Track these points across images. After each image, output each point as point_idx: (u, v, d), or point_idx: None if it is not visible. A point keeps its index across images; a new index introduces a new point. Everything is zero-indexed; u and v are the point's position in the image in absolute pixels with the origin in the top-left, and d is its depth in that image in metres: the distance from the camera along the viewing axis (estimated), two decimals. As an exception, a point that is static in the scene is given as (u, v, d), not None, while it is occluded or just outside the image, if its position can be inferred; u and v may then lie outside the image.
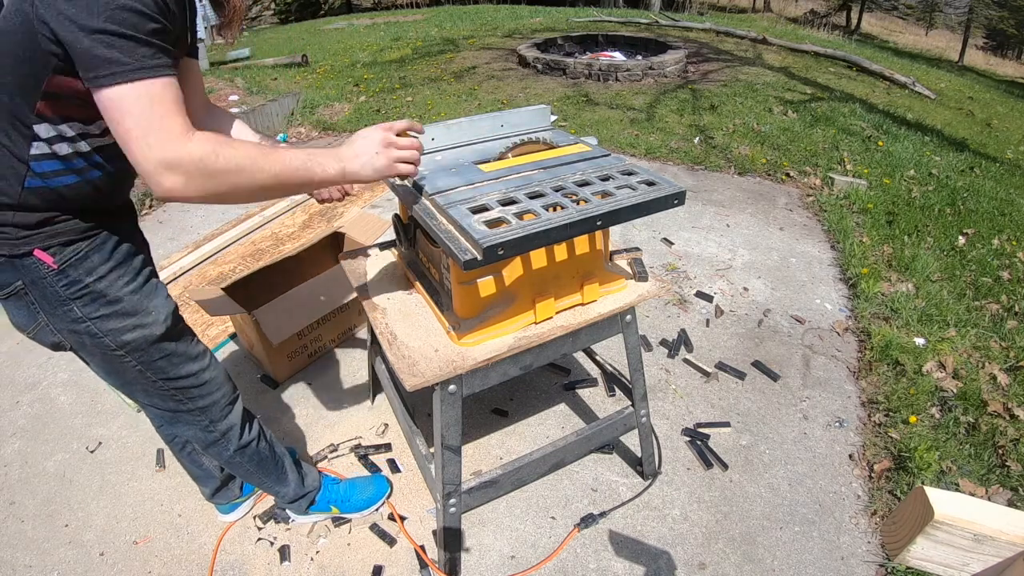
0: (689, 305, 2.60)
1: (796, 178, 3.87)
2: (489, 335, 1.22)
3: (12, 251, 0.96)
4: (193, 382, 1.22)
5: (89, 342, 1.07)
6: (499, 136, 1.42)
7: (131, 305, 1.09)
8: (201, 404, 1.26)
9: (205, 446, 1.34)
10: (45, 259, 0.98)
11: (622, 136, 4.49)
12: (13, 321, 1.08)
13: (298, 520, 1.65)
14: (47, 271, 0.99)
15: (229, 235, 3.22)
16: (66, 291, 1.01)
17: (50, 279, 1.00)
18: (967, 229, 3.26)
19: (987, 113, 6.73)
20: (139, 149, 0.79)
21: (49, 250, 0.98)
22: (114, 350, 1.09)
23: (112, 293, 1.06)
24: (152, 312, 1.12)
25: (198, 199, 0.85)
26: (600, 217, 1.03)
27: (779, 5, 22.58)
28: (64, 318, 1.04)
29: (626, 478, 1.78)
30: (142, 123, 0.79)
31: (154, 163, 0.80)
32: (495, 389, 2.10)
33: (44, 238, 0.98)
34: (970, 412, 1.96)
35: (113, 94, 0.78)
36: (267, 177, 0.90)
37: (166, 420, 1.28)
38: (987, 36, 22.14)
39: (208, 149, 0.83)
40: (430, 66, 7.02)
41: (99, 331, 1.06)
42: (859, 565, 1.54)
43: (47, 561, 1.59)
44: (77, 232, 1.01)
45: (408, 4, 17.94)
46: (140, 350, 1.12)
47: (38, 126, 0.89)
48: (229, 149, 0.86)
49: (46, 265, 0.99)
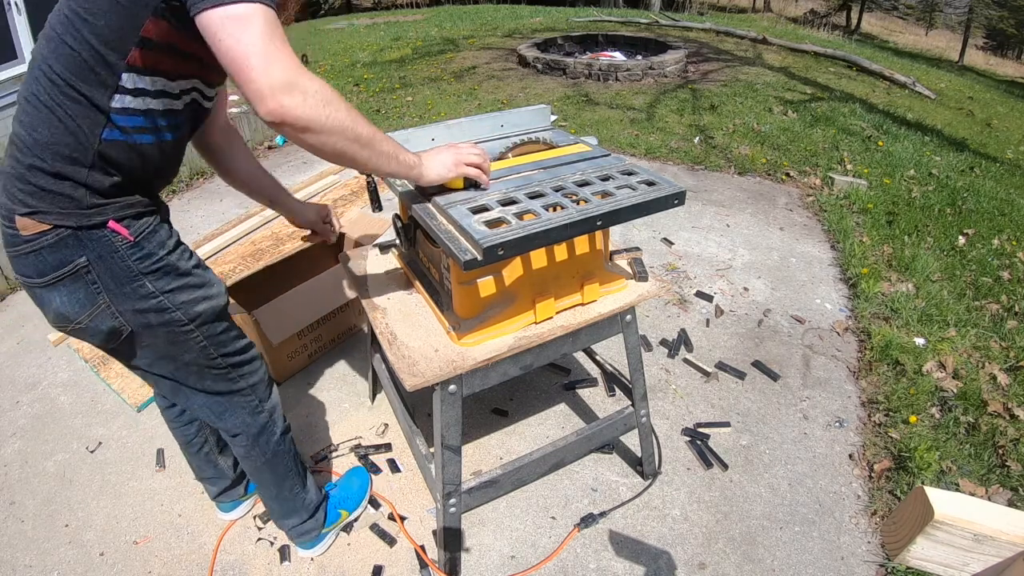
0: (689, 305, 2.60)
1: (796, 178, 3.87)
2: (489, 335, 1.22)
3: (81, 222, 0.93)
4: (245, 357, 1.24)
5: (156, 320, 1.05)
6: (499, 136, 1.42)
7: (199, 277, 1.10)
8: (252, 381, 1.27)
9: (256, 433, 1.31)
10: (121, 231, 0.96)
11: (622, 136, 4.49)
12: (59, 311, 1.01)
13: (317, 549, 1.56)
14: (121, 244, 0.97)
15: (229, 235, 3.22)
16: (139, 265, 0.99)
17: (123, 253, 0.97)
18: (967, 229, 3.26)
19: (987, 113, 6.73)
20: (261, 64, 0.77)
21: (123, 222, 0.96)
22: (183, 325, 1.08)
23: (182, 266, 1.07)
24: (215, 284, 1.14)
25: (303, 127, 0.83)
26: (600, 217, 1.03)
27: (779, 5, 22.58)
28: (131, 296, 1.01)
29: (626, 478, 1.78)
30: (266, 40, 0.78)
31: (278, 79, 0.78)
32: (495, 389, 2.10)
33: (118, 209, 0.96)
34: (970, 412, 1.96)
35: (240, 10, 0.77)
36: (366, 131, 0.91)
37: (215, 412, 1.26)
38: (987, 36, 22.14)
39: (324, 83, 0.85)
40: (430, 66, 7.02)
41: (171, 305, 1.05)
42: (859, 565, 1.54)
43: (47, 561, 1.59)
44: (144, 206, 1.01)
45: (408, 4, 17.93)
46: (208, 323, 1.12)
47: (125, 75, 0.87)
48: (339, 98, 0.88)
49: (121, 237, 0.96)
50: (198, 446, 1.50)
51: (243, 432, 1.31)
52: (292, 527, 1.49)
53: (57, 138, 0.89)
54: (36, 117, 0.89)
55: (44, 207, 0.91)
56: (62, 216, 0.92)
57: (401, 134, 1.31)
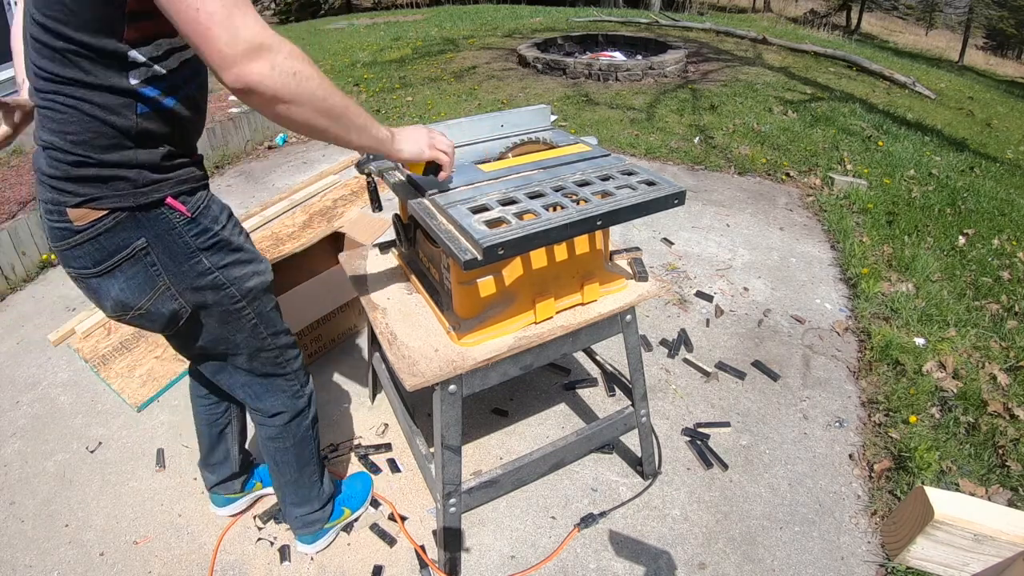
0: (689, 305, 2.60)
1: (796, 178, 3.87)
2: (489, 335, 1.22)
3: (138, 201, 0.92)
4: (289, 340, 1.26)
5: (212, 298, 1.06)
6: (499, 136, 1.42)
7: (249, 252, 1.11)
8: (295, 366, 1.30)
9: (293, 415, 1.34)
10: (179, 207, 0.96)
11: (622, 136, 4.49)
12: (119, 299, 1.00)
13: (317, 545, 1.56)
14: (179, 220, 0.97)
15: (229, 235, 3.21)
16: (196, 240, 1.00)
17: (180, 229, 0.97)
18: (967, 229, 3.26)
19: (987, 113, 6.73)
20: (223, 32, 0.73)
21: (179, 198, 0.96)
22: (237, 300, 1.09)
23: (235, 240, 1.07)
24: (262, 260, 1.15)
25: (271, 96, 0.79)
26: (600, 217, 1.04)
27: (779, 5, 22.58)
28: (189, 273, 1.01)
29: (626, 478, 1.78)
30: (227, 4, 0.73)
31: (242, 45, 0.74)
32: (495, 389, 2.10)
33: (173, 185, 0.96)
34: (970, 412, 1.96)
35: None
36: (339, 102, 0.88)
37: (255, 393, 1.28)
38: (987, 36, 22.15)
39: (294, 47, 0.80)
40: (430, 66, 7.02)
41: (226, 280, 1.06)
42: (859, 565, 1.54)
43: (47, 561, 1.59)
44: (196, 180, 1.00)
45: (408, 4, 17.93)
46: (258, 299, 1.13)
47: (132, 52, 0.85)
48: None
49: (179, 214, 0.96)
50: (221, 427, 1.51)
51: (281, 412, 1.33)
52: (300, 515, 1.49)
53: (94, 130, 0.88)
54: (63, 120, 0.88)
55: (99, 193, 0.91)
56: (119, 198, 0.92)
57: (401, 134, 1.31)
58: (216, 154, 4.34)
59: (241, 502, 1.67)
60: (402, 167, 1.26)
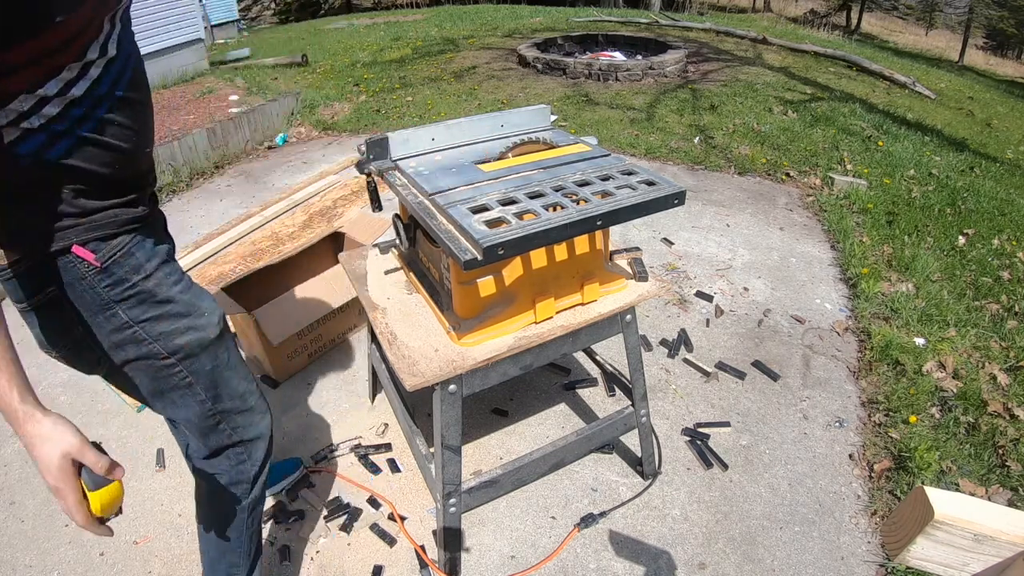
0: (689, 305, 2.60)
1: (796, 178, 3.87)
2: (489, 335, 1.21)
3: (45, 248, 0.85)
4: (237, 405, 1.11)
5: (133, 353, 0.96)
6: (499, 136, 1.42)
7: (184, 304, 0.98)
8: (248, 435, 1.14)
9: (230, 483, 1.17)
10: (86, 256, 0.86)
11: (622, 136, 4.49)
12: (39, 338, 0.95)
13: None
14: (88, 270, 0.87)
15: (229, 235, 3.22)
16: (109, 292, 0.90)
17: (91, 279, 0.88)
18: (967, 229, 3.26)
19: (987, 113, 6.73)
20: None
21: (88, 245, 0.86)
22: (163, 358, 0.98)
23: (162, 292, 0.96)
24: (206, 311, 1.02)
25: None
26: (600, 217, 1.03)
27: (779, 5, 22.58)
28: (105, 326, 0.92)
29: (626, 478, 1.78)
30: None
31: None
32: (495, 389, 2.10)
33: (81, 231, 0.86)
34: (970, 412, 1.96)
35: None
36: None
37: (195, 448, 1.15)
38: (987, 36, 22.14)
39: None
40: (430, 66, 7.02)
41: (147, 336, 0.95)
42: (859, 565, 1.54)
43: (47, 561, 1.59)
44: (118, 224, 0.89)
45: (408, 4, 17.93)
46: (194, 357, 1.01)
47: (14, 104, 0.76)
48: None
49: (86, 263, 0.87)
50: None
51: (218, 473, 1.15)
52: None
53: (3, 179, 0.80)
54: None
55: (5, 239, 0.85)
56: (24, 246, 0.85)
57: (401, 134, 1.31)
58: (216, 154, 4.34)
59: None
60: None
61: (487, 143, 1.39)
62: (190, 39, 7.23)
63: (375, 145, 1.29)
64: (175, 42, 6.97)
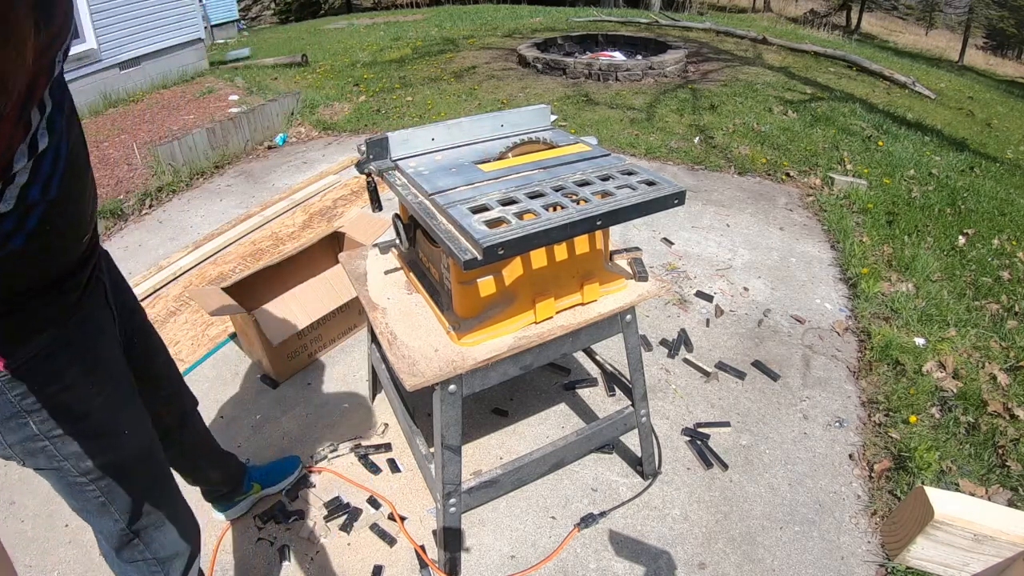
0: (689, 305, 2.60)
1: (796, 178, 3.87)
2: (489, 335, 1.21)
3: None
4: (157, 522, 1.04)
5: (45, 464, 0.88)
6: (499, 136, 1.42)
7: (100, 422, 0.90)
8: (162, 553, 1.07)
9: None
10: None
11: (622, 136, 4.49)
12: None
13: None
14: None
15: (229, 235, 3.22)
16: (21, 401, 0.81)
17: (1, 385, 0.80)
18: (967, 229, 3.26)
19: (987, 113, 6.73)
20: None
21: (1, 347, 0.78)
22: (75, 476, 0.91)
23: (79, 407, 0.87)
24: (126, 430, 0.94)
25: None
26: (600, 217, 1.03)
27: (779, 5, 22.58)
28: (16, 433, 0.84)
29: (626, 478, 1.78)
30: None
31: None
32: (495, 389, 2.10)
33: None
34: (970, 412, 1.96)
35: None
36: None
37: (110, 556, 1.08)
38: (987, 36, 22.14)
39: None
40: (430, 66, 7.02)
41: (58, 454, 0.87)
42: (859, 565, 1.54)
43: (47, 561, 1.59)
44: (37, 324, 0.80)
45: (408, 4, 17.93)
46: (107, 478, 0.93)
47: None
48: None
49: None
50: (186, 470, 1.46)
51: None
52: None
53: None
54: None
55: None
56: None
57: (401, 134, 1.31)
58: (216, 154, 4.34)
59: (242, 505, 1.68)
60: None
61: (487, 143, 1.39)
62: (190, 39, 7.23)
63: (375, 145, 1.29)
64: (175, 42, 6.98)
